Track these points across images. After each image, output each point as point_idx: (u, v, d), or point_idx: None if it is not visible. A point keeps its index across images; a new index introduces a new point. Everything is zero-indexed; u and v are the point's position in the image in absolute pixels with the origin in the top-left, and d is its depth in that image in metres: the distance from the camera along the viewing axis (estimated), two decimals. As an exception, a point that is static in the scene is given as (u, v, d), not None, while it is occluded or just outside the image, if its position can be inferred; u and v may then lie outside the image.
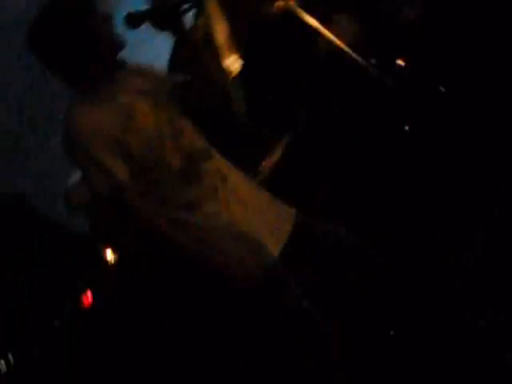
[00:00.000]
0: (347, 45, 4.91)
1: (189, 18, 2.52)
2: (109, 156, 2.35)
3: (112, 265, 7.24)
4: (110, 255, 7.23)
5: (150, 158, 2.42)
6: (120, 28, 2.52)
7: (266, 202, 2.56)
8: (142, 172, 2.40)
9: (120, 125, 2.41)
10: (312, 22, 2.50)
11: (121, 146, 2.39)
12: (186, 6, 2.49)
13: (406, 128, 4.04)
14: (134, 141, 2.40)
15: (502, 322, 3.27)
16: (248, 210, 2.50)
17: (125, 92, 2.49)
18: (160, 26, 2.47)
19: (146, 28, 2.49)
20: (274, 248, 2.46)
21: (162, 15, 2.46)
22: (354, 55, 2.53)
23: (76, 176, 2.84)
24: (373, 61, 4.39)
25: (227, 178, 2.53)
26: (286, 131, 6.08)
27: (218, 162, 2.54)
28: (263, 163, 6.22)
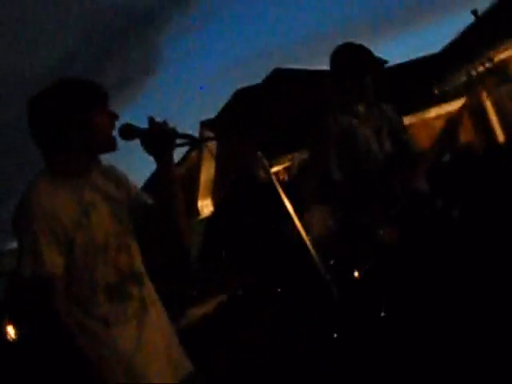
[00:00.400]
0: (314, 236, 5.02)
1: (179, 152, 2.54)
2: (51, 244, 2.30)
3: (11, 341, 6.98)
4: (10, 330, 6.97)
5: (88, 261, 2.38)
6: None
7: (169, 349, 2.50)
8: (74, 270, 2.36)
9: (74, 219, 2.37)
10: (287, 204, 2.54)
11: (66, 239, 2.36)
12: (181, 142, 2.51)
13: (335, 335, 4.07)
14: (80, 239, 2.37)
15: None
16: (152, 350, 2.43)
17: (92, 189, 2.48)
18: (148, 149, 2.48)
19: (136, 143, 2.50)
20: None
21: (155, 140, 2.47)
22: (312, 252, 2.55)
23: (14, 244, 2.79)
24: (332, 261, 4.45)
25: (148, 310, 2.48)
26: (226, 290, 6.07)
27: (147, 292, 2.50)
28: (191, 310, 6.17)
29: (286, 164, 12.79)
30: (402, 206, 3.65)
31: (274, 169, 13.90)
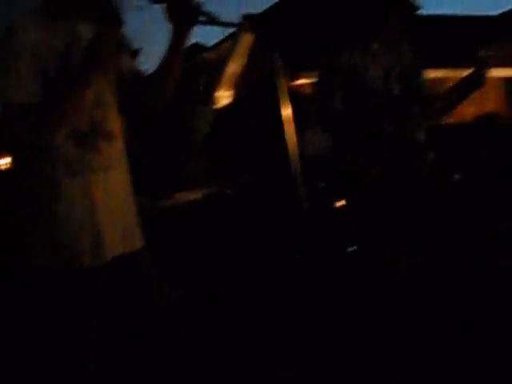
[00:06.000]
0: (308, 154, 5.00)
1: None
2: (31, 71, 2.25)
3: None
4: None
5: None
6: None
7: (126, 215, 2.50)
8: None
9: (58, 50, 2.33)
10: (286, 114, 2.50)
11: (46, 67, 2.31)
12: (203, 19, 2.47)
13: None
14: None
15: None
16: (107, 206, 2.42)
17: (86, 31, 2.45)
18: (170, 15, 2.45)
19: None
20: (107, 253, 2.41)
21: (179, 9, 2.44)
22: (295, 170, 2.53)
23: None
24: (322, 184, 4.44)
25: (113, 168, 2.45)
26: (217, 184, 6.10)
27: (115, 152, 2.46)
28: (178, 194, 6.21)
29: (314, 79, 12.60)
30: (392, 152, 3.63)
31: (301, 81, 13.73)
